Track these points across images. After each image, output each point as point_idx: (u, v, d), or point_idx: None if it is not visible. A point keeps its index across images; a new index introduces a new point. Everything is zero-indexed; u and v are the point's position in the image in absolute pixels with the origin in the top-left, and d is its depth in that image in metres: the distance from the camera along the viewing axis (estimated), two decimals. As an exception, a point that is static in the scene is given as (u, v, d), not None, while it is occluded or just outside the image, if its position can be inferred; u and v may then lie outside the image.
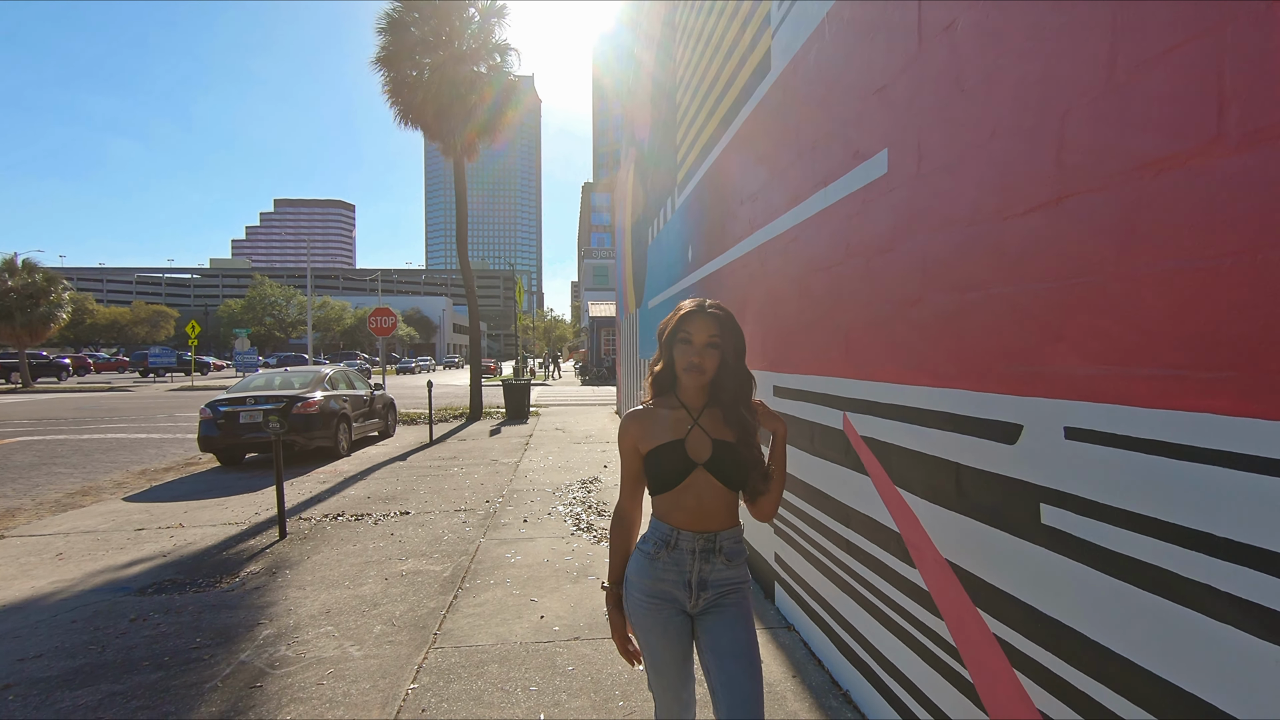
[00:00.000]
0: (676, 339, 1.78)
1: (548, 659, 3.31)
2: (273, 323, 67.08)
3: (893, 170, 2.44)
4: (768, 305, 3.95)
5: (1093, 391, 1.52)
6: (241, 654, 3.45)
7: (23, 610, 4.17)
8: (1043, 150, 1.67)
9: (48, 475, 9.11)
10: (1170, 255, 1.32)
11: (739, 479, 1.78)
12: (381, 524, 6.03)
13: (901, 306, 2.38)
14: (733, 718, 1.66)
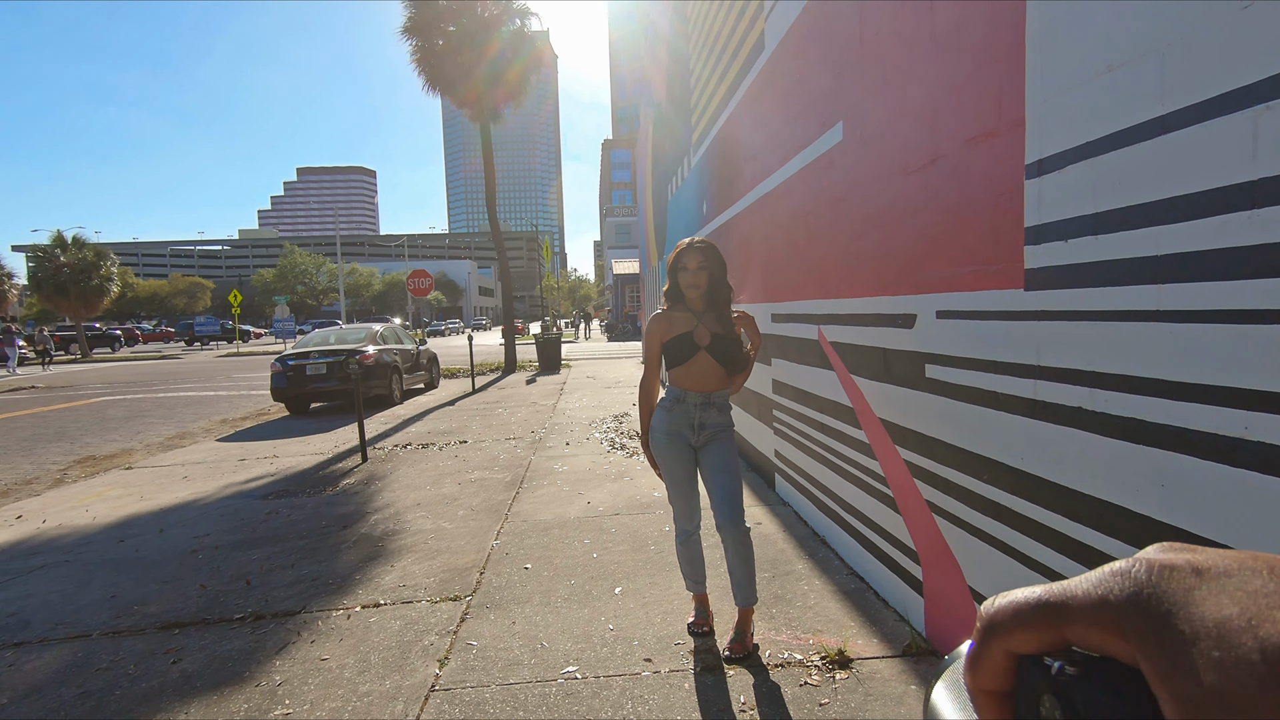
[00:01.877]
0: (677, 267, 2.67)
1: (596, 525, 4.31)
2: (304, 290, 68.91)
3: (846, 137, 3.26)
4: (765, 248, 4.79)
5: (948, 285, 2.39)
6: (360, 529, 4.50)
7: (179, 510, 5.29)
8: (926, 126, 2.50)
9: (143, 425, 10.37)
10: (971, 197, 2.17)
11: (727, 359, 2.68)
12: (445, 450, 7.08)
13: (852, 241, 3.23)
14: (720, 502, 2.61)
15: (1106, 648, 0.22)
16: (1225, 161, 1.34)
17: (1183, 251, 1.45)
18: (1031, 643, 0.23)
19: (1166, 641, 0.20)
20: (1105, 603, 0.21)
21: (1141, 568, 0.21)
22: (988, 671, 0.24)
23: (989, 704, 0.25)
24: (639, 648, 2.74)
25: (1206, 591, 0.20)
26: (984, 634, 0.24)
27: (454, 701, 2.42)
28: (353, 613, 3.20)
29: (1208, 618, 0.19)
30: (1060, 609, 0.22)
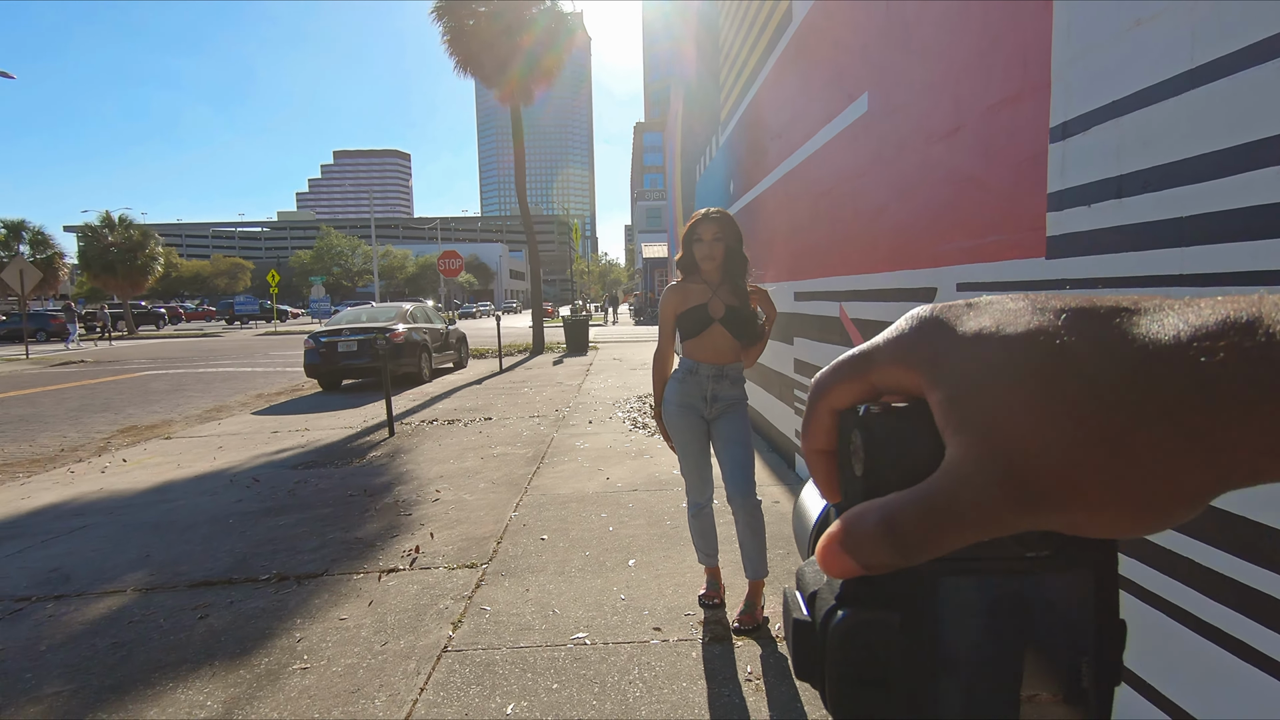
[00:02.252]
0: (693, 239, 2.64)
1: (613, 500, 4.33)
2: (340, 272, 70.22)
3: (871, 108, 3.19)
4: (790, 226, 4.73)
5: (969, 256, 2.33)
6: (385, 499, 4.60)
7: (213, 477, 5.46)
8: (950, 92, 2.42)
9: (183, 397, 10.70)
10: (994, 164, 2.10)
11: (740, 332, 2.65)
12: (470, 426, 7.18)
13: (875, 215, 3.17)
14: (731, 475, 2.60)
15: (903, 384, 0.24)
16: (1255, 114, 1.28)
17: (1209, 211, 1.39)
18: (848, 396, 0.25)
19: (935, 356, 0.22)
20: (898, 340, 0.24)
21: (928, 310, 0.24)
22: (817, 431, 0.26)
23: (819, 462, 0.27)
24: (649, 617, 2.76)
25: (972, 314, 0.22)
26: (812, 397, 0.26)
27: (465, 662, 2.46)
28: (372, 578, 3.28)
29: (968, 331, 0.22)
30: (868, 356, 0.24)
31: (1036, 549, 0.23)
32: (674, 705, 2.16)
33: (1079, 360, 0.19)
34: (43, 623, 2.95)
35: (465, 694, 2.26)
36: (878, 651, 0.24)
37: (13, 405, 10.24)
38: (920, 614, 0.23)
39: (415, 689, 2.30)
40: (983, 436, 0.20)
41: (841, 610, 0.24)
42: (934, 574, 0.23)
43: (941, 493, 0.21)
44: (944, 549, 0.21)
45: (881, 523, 0.22)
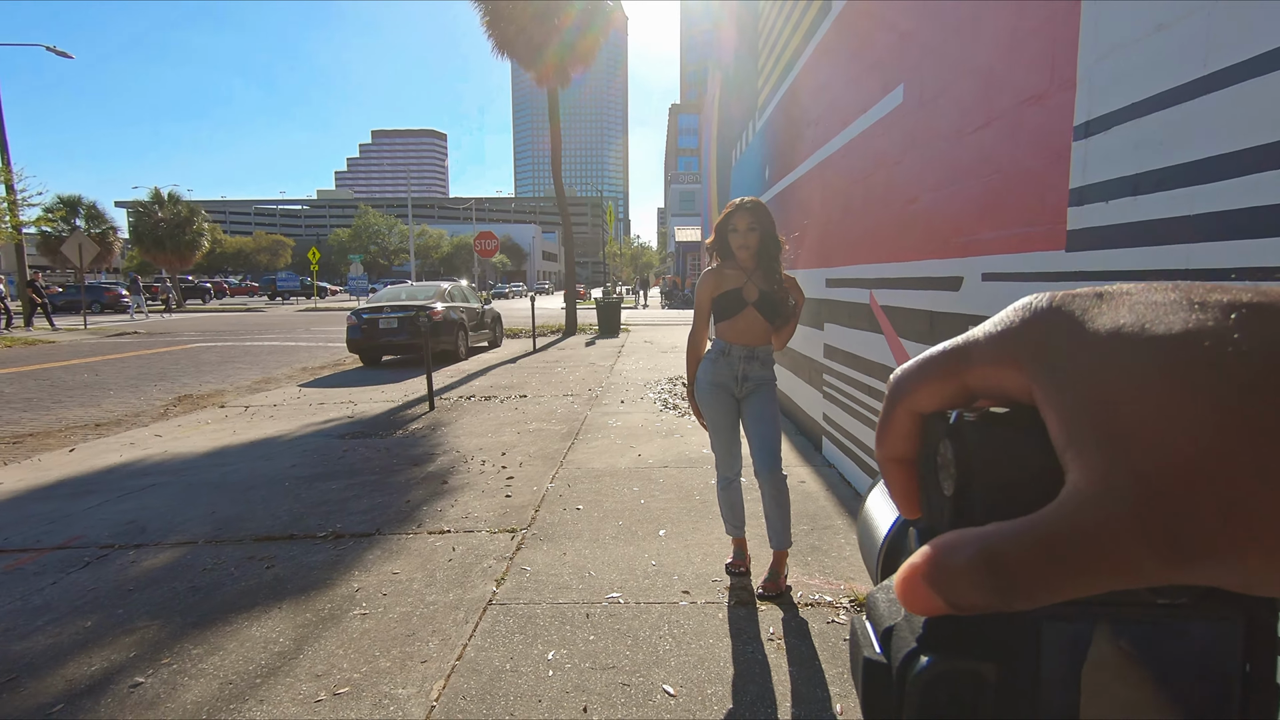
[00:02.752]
0: (728, 228, 2.78)
1: (645, 475, 4.52)
2: (377, 250, 71.38)
3: (906, 100, 3.27)
4: (823, 214, 4.81)
5: (995, 248, 2.42)
6: (428, 468, 4.85)
7: (267, 444, 5.78)
8: (983, 88, 2.51)
9: (233, 369, 11.17)
10: (1020, 159, 2.20)
11: (772, 315, 2.79)
12: (506, 403, 7.42)
13: (906, 204, 3.26)
14: (759, 450, 2.75)
15: (1006, 387, 0.20)
16: (1261, 120, 1.37)
17: (1214, 210, 1.49)
18: (935, 398, 0.22)
19: (1056, 357, 0.19)
20: (1004, 334, 0.20)
21: (1044, 299, 0.20)
22: (895, 436, 0.23)
23: (897, 472, 0.24)
24: (678, 581, 2.95)
25: (1104, 308, 0.19)
26: (890, 398, 0.23)
27: (508, 614, 2.68)
28: (420, 537, 3.52)
29: (1101, 328, 0.18)
30: (963, 352, 0.22)
31: (1172, 596, 0.20)
32: (700, 658, 2.34)
33: (1259, 370, 0.16)
34: (126, 567, 3.25)
35: (510, 641, 2.47)
36: (966, 707, 0.21)
37: (78, 372, 10.82)
38: (1019, 665, 0.20)
39: (465, 635, 2.52)
40: (1118, 461, 0.17)
41: (925, 656, 0.21)
42: (1037, 618, 0.20)
43: (1061, 529, 0.17)
44: (1059, 597, 0.18)
45: (981, 558, 0.18)
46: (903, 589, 0.20)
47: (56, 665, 2.40)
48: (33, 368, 11.44)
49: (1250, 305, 0.17)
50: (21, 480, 4.83)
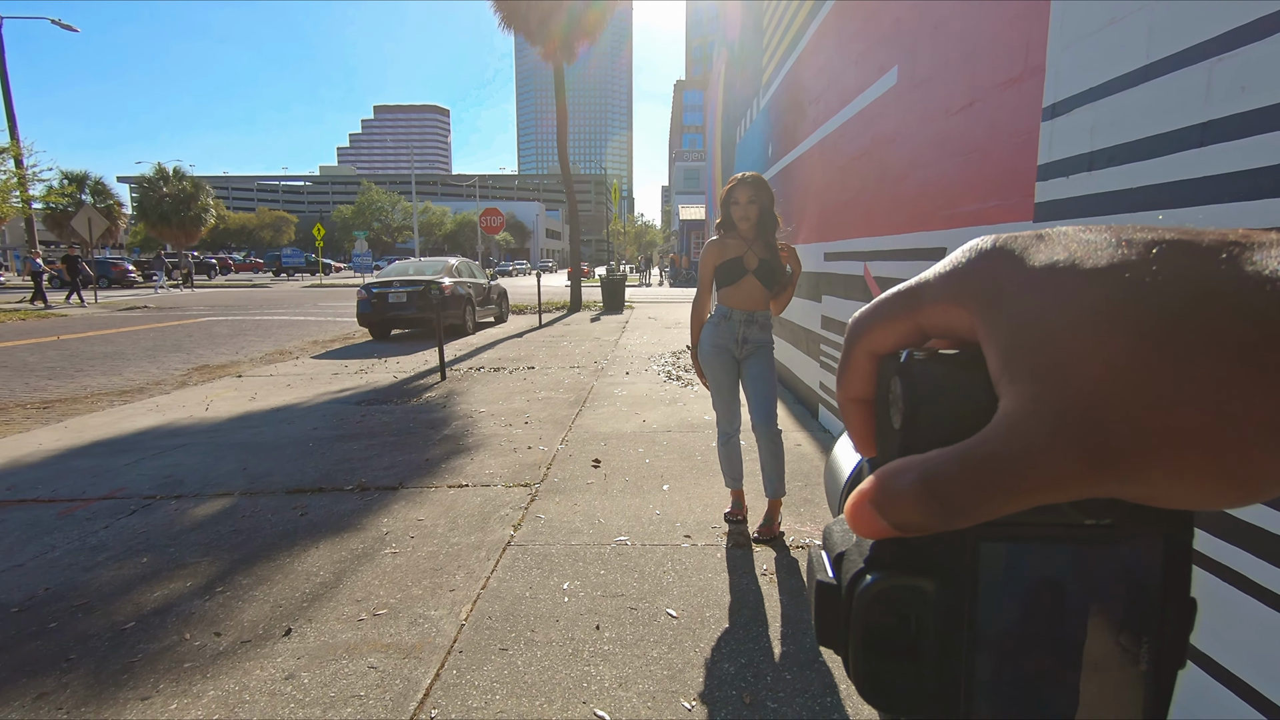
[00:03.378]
0: (730, 201, 2.99)
1: (649, 439, 4.77)
2: (380, 228, 71.34)
3: (899, 81, 3.46)
4: (822, 190, 5.01)
5: (974, 220, 2.64)
6: (444, 431, 5.11)
7: (286, 410, 6.05)
8: (967, 71, 2.71)
9: (245, 342, 11.43)
10: (998, 137, 2.41)
11: (770, 281, 3.02)
12: (515, 374, 7.67)
13: (897, 181, 3.47)
14: (756, 407, 3.00)
15: (954, 326, 0.21)
16: (1189, 104, 1.59)
17: (1148, 184, 1.70)
18: (890, 339, 0.23)
19: (995, 293, 0.20)
20: (951, 274, 0.22)
21: (988, 240, 0.21)
22: (853, 377, 0.24)
23: (854, 411, 0.25)
24: (680, 527, 3.21)
25: (1042, 246, 0.20)
26: (848, 340, 0.24)
27: (526, 553, 2.94)
28: (441, 490, 3.78)
29: (1037, 265, 0.19)
30: (915, 294, 0.23)
31: (1098, 516, 0.21)
32: (700, 589, 2.61)
33: (1175, 301, 0.17)
34: (171, 514, 3.52)
35: (529, 574, 2.74)
36: (908, 620, 0.22)
37: (95, 344, 11.09)
38: (958, 582, 0.22)
39: (487, 569, 2.79)
40: (1048, 386, 0.18)
41: (870, 574, 0.22)
42: (976, 539, 0.21)
43: (992, 449, 0.19)
44: (991, 514, 0.19)
45: (920, 481, 0.19)
46: (851, 514, 0.21)
47: (122, 593, 2.67)
48: (51, 339, 11.71)
49: (1169, 242, 0.18)
50: (59, 440, 5.10)
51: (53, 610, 2.54)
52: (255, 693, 2.02)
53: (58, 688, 2.07)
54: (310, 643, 2.28)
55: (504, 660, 2.16)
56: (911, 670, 0.22)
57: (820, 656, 2.15)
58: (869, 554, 0.23)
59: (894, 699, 0.22)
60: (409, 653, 2.21)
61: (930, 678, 0.22)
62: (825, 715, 1.88)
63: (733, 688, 2.01)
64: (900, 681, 0.22)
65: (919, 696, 0.22)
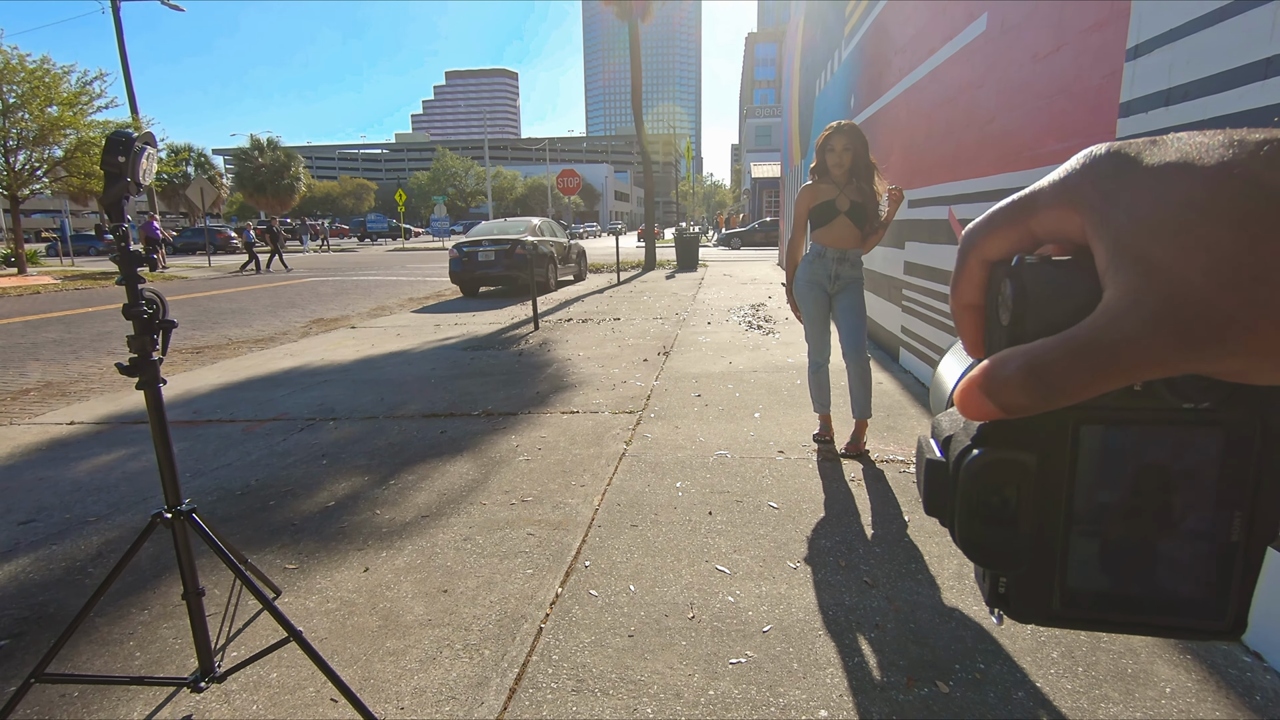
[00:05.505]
0: (825, 148, 3.27)
1: (737, 377, 5.15)
2: (454, 193, 73.19)
3: (989, 28, 3.60)
4: (906, 139, 5.15)
5: (1057, 159, 2.84)
6: (546, 371, 5.63)
7: (402, 354, 6.72)
8: (1055, 16, 2.88)
9: (349, 299, 12.37)
10: (1083, 78, 2.60)
11: (862, 221, 3.30)
12: (602, 325, 8.15)
13: (984, 124, 3.64)
14: (846, 336, 3.32)
15: (1066, 230, 0.22)
16: (1254, 42, 1.79)
17: (1218, 115, 1.92)
18: (1003, 245, 0.24)
19: (1106, 195, 0.21)
20: (1065, 180, 0.22)
21: (1103, 147, 0.22)
22: (967, 284, 0.25)
23: (967, 318, 0.26)
24: (773, 445, 3.59)
25: (1155, 150, 0.20)
26: (962, 249, 0.25)
27: (639, 462, 3.40)
28: (555, 415, 4.29)
29: (1150, 165, 0.20)
30: (1028, 201, 0.23)
31: (1196, 399, 0.22)
32: (795, 489, 2.99)
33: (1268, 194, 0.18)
34: (332, 431, 4.16)
35: (644, 476, 3.20)
36: (1009, 491, 0.23)
37: (220, 301, 12.27)
38: (1057, 460, 0.23)
39: (609, 472, 3.26)
40: (1146, 276, 0.19)
41: (976, 449, 0.23)
42: (1077, 421, 0.23)
43: (1094, 335, 0.20)
44: (1090, 391, 0.20)
45: (1026, 364, 0.21)
46: (961, 397, 0.22)
47: (316, 484, 3.28)
48: (182, 297, 13.00)
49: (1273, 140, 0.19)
50: (220, 378, 5.90)
51: (267, 494, 3.17)
52: (443, 547, 2.55)
53: (292, 541, 2.66)
54: (476, 518, 2.80)
55: (635, 534, 2.62)
56: (1012, 538, 0.24)
57: (907, 536, 2.51)
58: (975, 433, 0.24)
59: (994, 559, 0.24)
60: (557, 525, 2.70)
61: (1027, 544, 0.24)
62: (911, 574, 2.25)
63: (830, 556, 2.40)
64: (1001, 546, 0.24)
65: (1018, 559, 0.24)
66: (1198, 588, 0.23)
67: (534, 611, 2.11)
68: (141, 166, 1.50)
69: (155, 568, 2.48)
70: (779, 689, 1.72)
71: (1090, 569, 0.24)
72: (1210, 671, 1.74)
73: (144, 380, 1.57)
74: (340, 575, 2.39)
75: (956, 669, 1.76)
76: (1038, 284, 0.23)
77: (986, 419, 0.23)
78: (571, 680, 1.77)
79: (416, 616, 2.11)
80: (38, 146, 17.16)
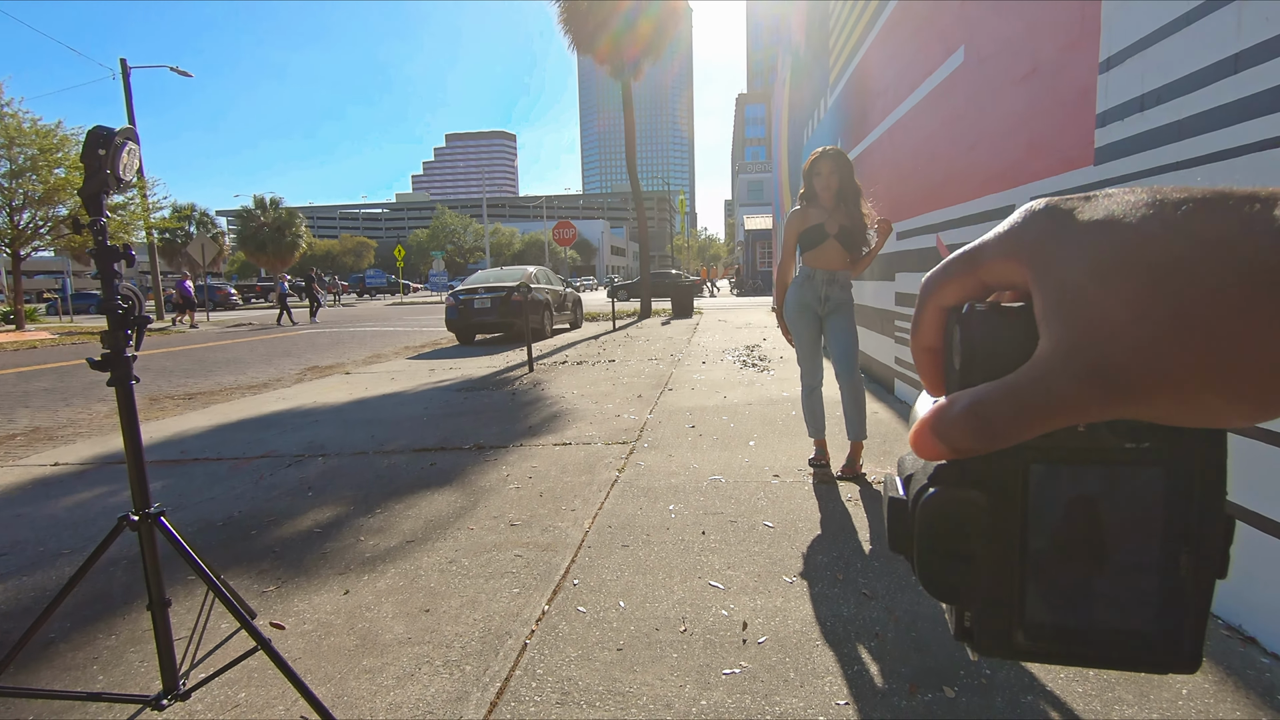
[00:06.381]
0: (812, 173, 3.32)
1: (731, 410, 5.10)
2: (453, 249, 74.37)
3: (966, 59, 3.71)
4: (893, 173, 5.25)
5: (1038, 175, 2.88)
6: (540, 408, 5.58)
7: (395, 396, 6.67)
8: (1028, 40, 2.97)
9: (345, 349, 12.38)
10: (1059, 95, 2.66)
11: (851, 245, 3.32)
12: (597, 366, 8.14)
13: (966, 151, 3.71)
14: (839, 358, 3.30)
15: (1012, 279, 0.24)
16: (1222, 41, 1.84)
17: (1190, 114, 1.95)
18: (957, 292, 0.26)
19: (1043, 249, 0.22)
20: (1008, 234, 0.24)
21: (1041, 203, 0.24)
22: (925, 329, 0.27)
23: (926, 360, 0.28)
24: (768, 470, 3.52)
25: (1087, 206, 0.22)
26: (921, 296, 0.27)
27: (631, 488, 3.32)
28: (547, 447, 4.22)
29: (1081, 222, 0.22)
30: (977, 253, 0.25)
31: (1136, 440, 0.23)
32: (791, 510, 2.92)
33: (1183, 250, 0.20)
34: (320, 466, 4.08)
35: (636, 501, 3.12)
36: (964, 527, 0.24)
37: (216, 352, 12.26)
38: (1010, 497, 0.24)
39: (600, 498, 3.18)
40: (1075, 327, 0.21)
41: (932, 488, 0.25)
42: (1026, 460, 0.24)
43: (1027, 380, 0.22)
44: (1028, 433, 0.22)
45: (969, 406, 0.23)
46: (915, 439, 0.24)
47: (300, 513, 3.20)
48: (181, 348, 13.01)
49: (1198, 199, 0.20)
50: (211, 420, 5.84)
51: (249, 524, 3.08)
52: (427, 570, 2.46)
53: (271, 567, 2.57)
54: (462, 542, 2.72)
55: (627, 553, 2.54)
56: (967, 573, 0.25)
57: (904, 551, 2.43)
58: (932, 473, 0.25)
59: (951, 594, 0.25)
60: (545, 547, 2.62)
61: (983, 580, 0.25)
62: (911, 586, 2.17)
63: (826, 571, 2.32)
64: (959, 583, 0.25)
65: (974, 595, 0.25)
66: (1152, 621, 0.24)
67: (519, 628, 2.02)
68: (122, 161, 1.50)
69: (127, 595, 2.39)
70: (775, 698, 1.63)
71: (1048, 603, 0.25)
72: (1227, 673, 1.65)
73: (116, 376, 1.54)
74: (319, 598, 2.29)
75: (961, 674, 1.67)
76: (983, 330, 0.24)
77: (939, 459, 0.24)
78: (556, 693, 1.68)
79: (395, 635, 2.01)
80: (43, 206, 17.45)
